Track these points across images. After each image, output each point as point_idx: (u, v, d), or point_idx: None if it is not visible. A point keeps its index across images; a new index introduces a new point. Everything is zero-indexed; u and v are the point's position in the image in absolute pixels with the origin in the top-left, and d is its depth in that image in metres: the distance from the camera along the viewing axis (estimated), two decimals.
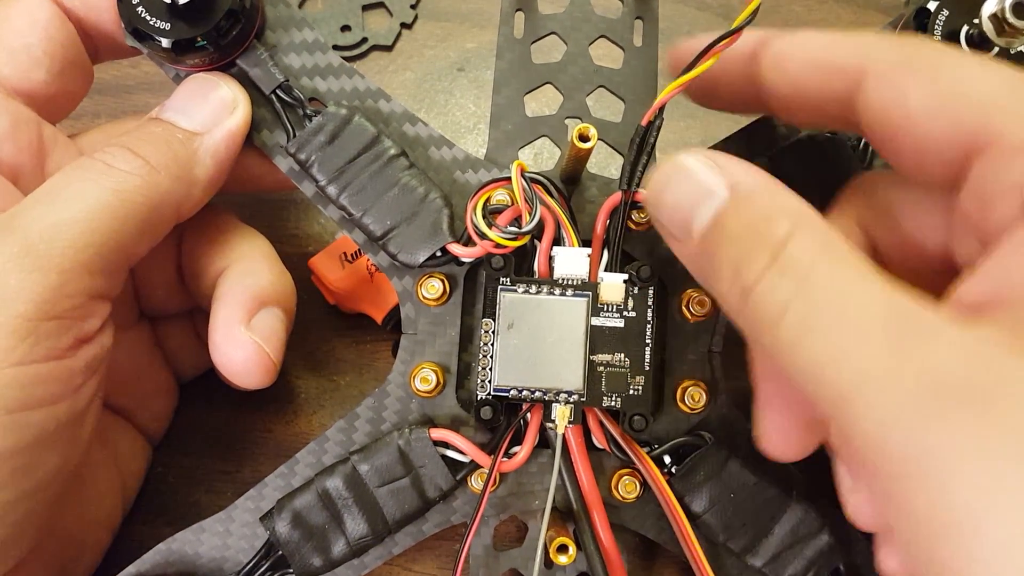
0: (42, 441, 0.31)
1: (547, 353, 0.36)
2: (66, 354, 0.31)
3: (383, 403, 0.38)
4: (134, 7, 0.35)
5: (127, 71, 0.53)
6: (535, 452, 0.37)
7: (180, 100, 0.36)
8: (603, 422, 0.37)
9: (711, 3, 0.56)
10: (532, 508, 0.38)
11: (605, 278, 0.37)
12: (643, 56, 0.41)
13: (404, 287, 0.38)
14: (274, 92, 0.37)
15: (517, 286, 0.36)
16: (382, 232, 0.37)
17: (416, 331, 0.38)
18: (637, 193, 0.36)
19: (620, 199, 0.36)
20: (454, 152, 0.39)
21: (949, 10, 0.36)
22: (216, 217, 0.40)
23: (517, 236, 0.35)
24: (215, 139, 0.36)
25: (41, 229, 0.31)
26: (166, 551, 0.38)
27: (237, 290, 0.37)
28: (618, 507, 0.38)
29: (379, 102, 0.39)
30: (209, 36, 0.35)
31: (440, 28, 0.56)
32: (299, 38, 0.39)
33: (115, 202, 0.32)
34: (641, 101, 0.41)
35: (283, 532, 0.36)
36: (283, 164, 0.38)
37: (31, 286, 0.30)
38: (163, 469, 0.46)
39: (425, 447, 0.37)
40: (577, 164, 0.38)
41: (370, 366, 0.49)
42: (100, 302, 0.33)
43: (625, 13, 0.42)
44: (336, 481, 0.37)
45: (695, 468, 0.36)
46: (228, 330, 0.36)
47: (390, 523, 0.37)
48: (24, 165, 0.36)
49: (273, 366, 0.37)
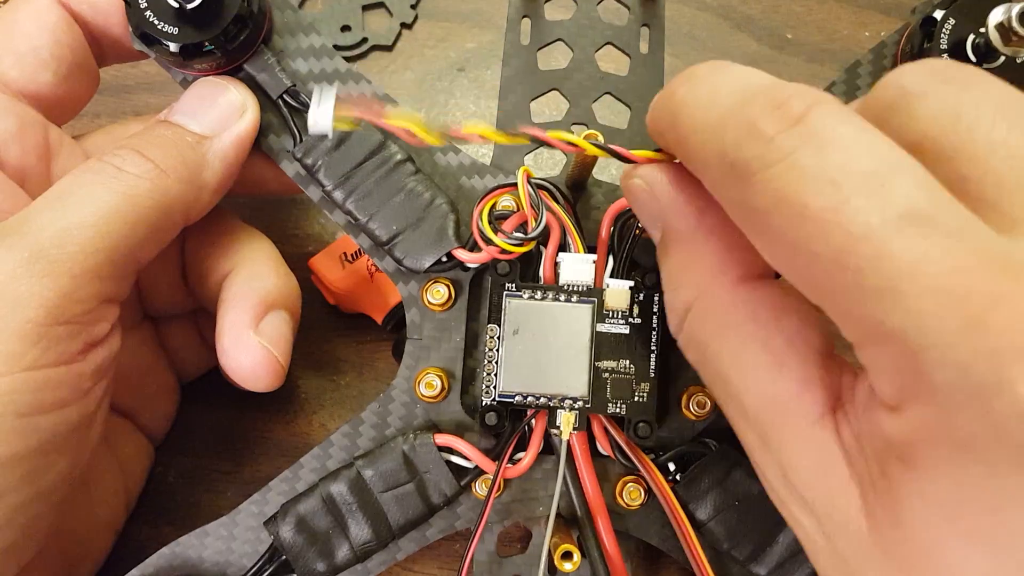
0: (52, 445, 0.31)
1: (552, 359, 0.36)
2: (76, 358, 0.31)
3: (388, 408, 0.38)
4: (142, 11, 0.35)
5: (127, 71, 0.53)
6: (539, 458, 0.37)
7: (189, 103, 0.36)
8: (608, 429, 0.37)
9: (711, 3, 0.56)
10: (536, 514, 0.39)
11: (611, 284, 0.37)
12: (649, 63, 0.42)
13: (410, 292, 0.38)
14: (281, 97, 0.37)
15: (522, 292, 0.37)
16: (388, 237, 0.37)
17: (421, 336, 0.38)
18: None
19: (626, 206, 0.37)
20: (460, 157, 0.39)
21: (955, 19, 0.36)
22: (220, 219, 0.40)
23: (523, 242, 0.35)
24: (224, 143, 0.36)
25: (51, 234, 0.30)
26: (169, 555, 0.37)
27: (244, 294, 0.37)
28: (622, 514, 0.38)
29: (385, 108, 0.39)
30: (217, 41, 0.35)
31: (440, 28, 0.56)
32: (306, 43, 0.39)
33: (125, 206, 0.32)
34: (647, 108, 0.41)
35: (287, 537, 0.36)
36: (289, 169, 0.38)
37: (42, 291, 0.30)
38: (163, 469, 0.46)
39: (430, 452, 0.37)
40: (583, 170, 0.38)
41: (370, 366, 0.49)
42: (109, 306, 0.33)
43: (631, 20, 0.42)
44: (340, 486, 0.37)
45: (700, 475, 0.36)
46: (237, 335, 0.36)
47: (394, 528, 0.37)
48: (31, 167, 0.36)
49: (282, 369, 0.37)
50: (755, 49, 0.55)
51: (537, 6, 0.42)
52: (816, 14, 0.56)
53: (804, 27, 0.55)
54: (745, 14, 0.55)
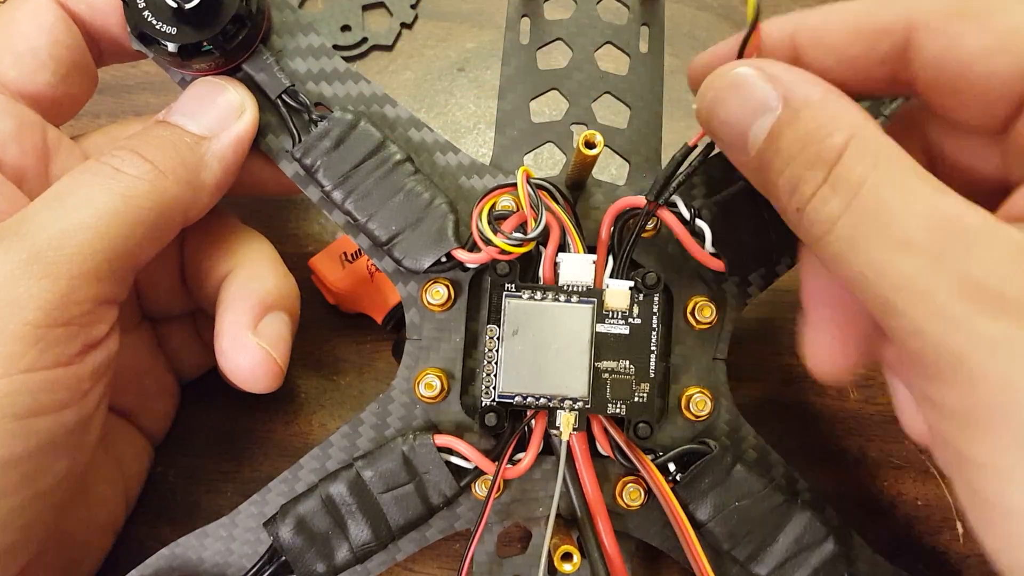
0: (50, 447, 0.31)
1: (552, 360, 0.36)
2: (74, 360, 0.31)
3: (387, 409, 0.38)
4: (140, 11, 0.35)
5: (127, 71, 0.53)
6: (539, 459, 0.37)
7: (188, 103, 0.36)
8: (608, 429, 0.37)
9: (711, 3, 0.56)
10: (536, 515, 0.39)
11: (610, 285, 0.37)
12: (649, 62, 0.41)
13: (409, 293, 0.38)
14: (280, 97, 0.37)
15: (522, 292, 0.36)
16: (387, 237, 0.37)
17: (421, 337, 0.38)
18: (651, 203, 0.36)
19: (626, 206, 0.37)
20: (459, 157, 0.39)
21: None
22: (219, 220, 0.40)
23: (522, 242, 0.35)
24: (223, 143, 0.36)
25: (50, 235, 0.30)
26: (169, 556, 0.37)
27: (243, 295, 0.37)
28: (622, 515, 0.38)
29: (384, 107, 0.39)
30: (215, 41, 0.35)
31: (440, 28, 0.56)
32: (305, 43, 0.39)
33: (123, 207, 0.32)
34: (647, 107, 0.41)
35: (287, 538, 0.36)
36: (288, 169, 0.38)
37: (40, 293, 0.30)
38: (163, 469, 0.46)
39: (429, 453, 0.37)
40: (583, 170, 0.38)
41: (370, 366, 0.49)
42: (107, 307, 0.33)
43: (631, 20, 0.42)
44: (340, 487, 0.37)
45: (700, 476, 0.36)
46: (235, 336, 0.36)
47: (394, 529, 0.37)
48: (29, 168, 0.36)
49: (280, 371, 0.37)
50: None
51: (536, 5, 0.42)
52: None
53: None
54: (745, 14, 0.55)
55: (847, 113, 0.28)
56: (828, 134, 0.27)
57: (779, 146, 0.29)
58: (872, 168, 0.26)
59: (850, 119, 0.27)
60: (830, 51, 0.30)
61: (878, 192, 0.26)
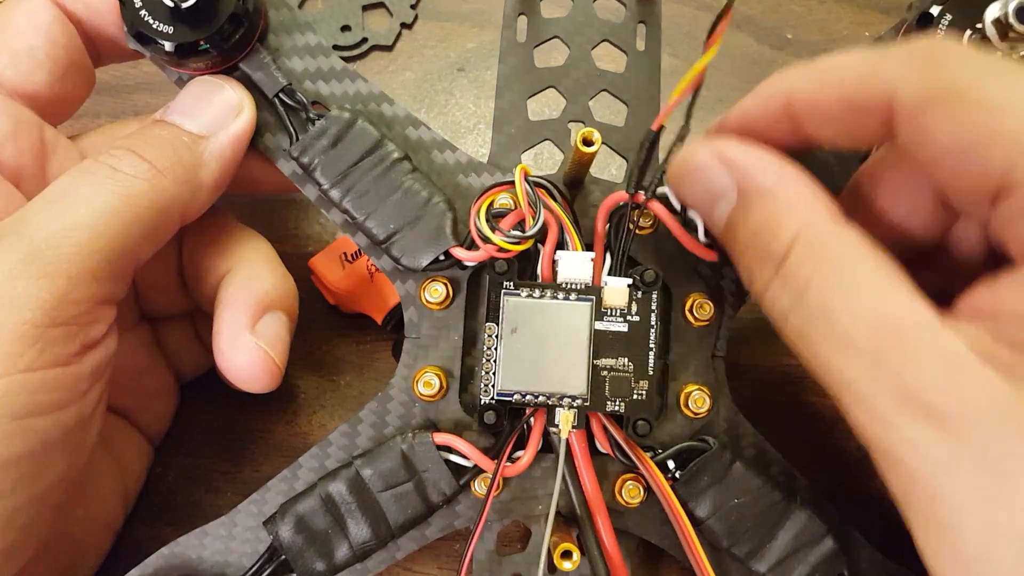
0: (49, 447, 0.31)
1: (550, 357, 0.36)
2: (72, 360, 0.31)
3: (386, 407, 0.38)
4: (137, 10, 0.35)
5: (127, 71, 0.53)
6: (538, 457, 0.37)
7: (185, 102, 0.36)
8: (607, 427, 0.37)
9: (711, 3, 0.56)
10: (536, 513, 0.38)
11: (609, 282, 0.36)
12: (646, 60, 0.41)
13: (407, 291, 0.38)
14: (277, 96, 0.37)
15: (520, 290, 0.36)
16: (385, 236, 0.37)
17: (419, 335, 0.38)
18: (637, 195, 0.36)
19: (620, 200, 0.37)
20: (457, 156, 0.39)
21: (952, 15, 0.36)
22: (217, 219, 0.40)
23: (520, 240, 0.35)
24: (220, 142, 0.36)
25: (48, 235, 0.30)
26: (168, 555, 0.37)
27: (241, 295, 0.37)
28: (622, 512, 0.38)
29: (382, 106, 0.39)
30: (212, 40, 0.35)
31: (440, 28, 0.56)
32: (302, 42, 0.39)
33: (121, 207, 0.32)
34: (644, 105, 0.41)
35: (286, 537, 0.36)
36: (286, 168, 0.38)
37: (38, 293, 0.30)
38: (163, 469, 0.46)
39: (428, 452, 0.37)
40: (580, 168, 0.38)
41: (370, 366, 0.49)
42: (106, 307, 0.33)
43: (628, 17, 0.42)
44: (339, 485, 0.36)
45: (699, 473, 0.36)
46: (233, 336, 0.36)
47: (393, 528, 0.37)
48: (26, 167, 0.36)
49: (279, 371, 0.37)
50: (755, 49, 0.55)
51: (533, 3, 0.42)
52: (816, 14, 0.56)
53: (804, 27, 0.55)
54: (745, 14, 0.55)
55: (797, 205, 0.29)
56: (776, 230, 0.28)
57: (735, 235, 0.31)
58: (815, 270, 0.27)
59: (799, 213, 0.29)
60: (825, 122, 0.31)
61: (822, 294, 0.27)
